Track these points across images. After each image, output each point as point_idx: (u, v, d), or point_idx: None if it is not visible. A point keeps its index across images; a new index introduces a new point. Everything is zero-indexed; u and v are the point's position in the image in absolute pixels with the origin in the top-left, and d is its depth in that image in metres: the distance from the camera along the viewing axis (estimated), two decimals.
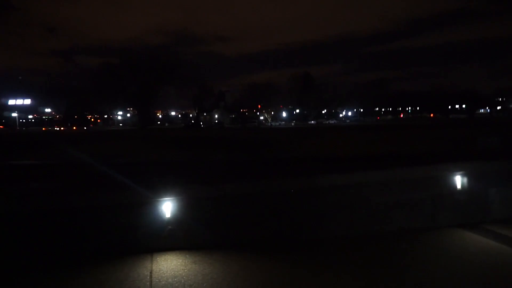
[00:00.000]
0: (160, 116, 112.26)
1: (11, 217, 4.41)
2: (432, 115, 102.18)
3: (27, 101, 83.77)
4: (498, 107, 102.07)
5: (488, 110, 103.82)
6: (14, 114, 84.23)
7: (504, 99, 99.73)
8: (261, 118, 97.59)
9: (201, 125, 79.68)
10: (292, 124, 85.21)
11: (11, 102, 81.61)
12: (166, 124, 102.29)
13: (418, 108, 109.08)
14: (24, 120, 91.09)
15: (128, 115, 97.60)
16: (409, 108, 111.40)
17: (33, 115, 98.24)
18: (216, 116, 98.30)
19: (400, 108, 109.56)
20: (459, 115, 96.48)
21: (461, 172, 5.65)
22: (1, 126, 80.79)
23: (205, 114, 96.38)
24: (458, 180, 5.64)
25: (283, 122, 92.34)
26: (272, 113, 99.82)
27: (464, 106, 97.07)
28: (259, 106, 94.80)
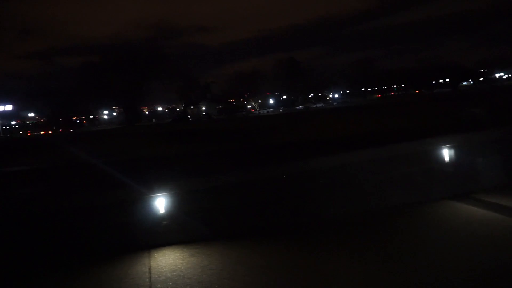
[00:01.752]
0: (147, 113, 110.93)
1: (9, 221, 4.37)
2: (417, 91, 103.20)
3: (9, 107, 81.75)
4: (481, 79, 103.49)
5: (472, 82, 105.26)
6: None
7: (486, 70, 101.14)
8: (249, 106, 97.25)
9: (188, 118, 79.05)
10: (280, 110, 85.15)
11: None
12: (154, 120, 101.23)
13: (403, 85, 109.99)
14: (7, 127, 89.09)
15: (114, 113, 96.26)
16: (395, 86, 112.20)
17: (16, 120, 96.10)
18: (204, 108, 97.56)
19: (386, 87, 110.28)
20: (444, 89, 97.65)
21: (449, 145, 5.74)
22: None
23: (192, 107, 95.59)
24: (447, 153, 5.73)
25: (271, 109, 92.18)
26: (260, 101, 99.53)
27: (448, 80, 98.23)
28: (246, 95, 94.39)
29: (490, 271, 3.31)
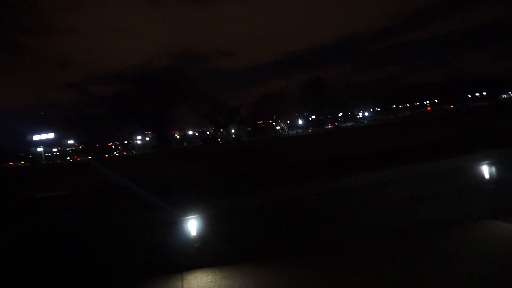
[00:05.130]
0: (178, 137, 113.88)
1: (47, 243, 4.57)
2: (451, 106, 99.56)
3: (51, 135, 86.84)
4: None
5: (511, 94, 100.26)
6: (40, 149, 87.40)
7: None
8: (278, 128, 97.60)
9: (218, 141, 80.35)
10: (309, 130, 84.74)
11: (36, 137, 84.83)
12: (185, 144, 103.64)
13: (436, 100, 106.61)
14: (49, 154, 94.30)
15: (147, 138, 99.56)
16: (427, 101, 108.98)
17: (57, 147, 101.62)
18: (233, 130, 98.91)
19: (418, 103, 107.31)
20: (481, 103, 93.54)
21: (487, 161, 5.48)
22: (22, 162, 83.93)
23: (221, 129, 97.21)
24: (485, 169, 5.47)
25: (300, 130, 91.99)
26: (288, 121, 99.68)
27: (484, 93, 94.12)
28: (274, 116, 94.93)
29: None
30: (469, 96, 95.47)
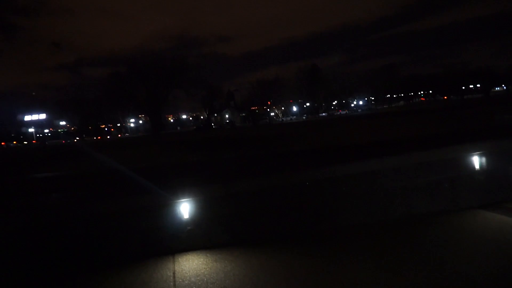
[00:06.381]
0: (171, 121, 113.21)
1: (39, 226, 4.56)
2: (445, 97, 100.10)
3: (42, 116, 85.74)
4: None
5: (505, 88, 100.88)
6: (31, 130, 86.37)
7: None
8: (272, 114, 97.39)
9: (212, 126, 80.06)
10: (304, 118, 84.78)
11: (27, 118, 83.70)
12: (178, 128, 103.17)
13: (430, 91, 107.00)
14: (41, 135, 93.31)
15: (140, 121, 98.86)
16: (422, 92, 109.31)
17: (49, 129, 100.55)
18: (227, 116, 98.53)
19: (412, 93, 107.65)
20: (475, 95, 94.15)
21: (479, 152, 5.54)
22: (14, 142, 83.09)
23: (215, 115, 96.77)
24: (476, 160, 5.54)
25: (294, 117, 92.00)
26: (283, 108, 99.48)
27: (478, 85, 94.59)
28: (269, 103, 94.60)
29: None
30: (463, 88, 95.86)
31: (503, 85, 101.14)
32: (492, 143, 5.91)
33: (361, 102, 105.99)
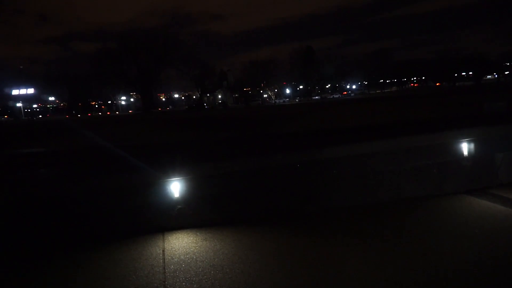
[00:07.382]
0: (163, 99, 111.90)
1: (26, 202, 4.52)
2: (438, 84, 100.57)
3: (30, 90, 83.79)
4: (506, 72, 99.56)
5: (496, 76, 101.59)
6: (19, 104, 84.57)
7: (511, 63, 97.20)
8: (265, 96, 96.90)
9: (204, 106, 79.43)
10: (296, 100, 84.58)
11: (15, 92, 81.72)
12: (170, 107, 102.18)
13: (423, 77, 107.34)
14: (29, 110, 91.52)
15: (132, 99, 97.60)
16: (414, 77, 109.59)
17: (37, 104, 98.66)
18: (219, 96, 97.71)
19: (405, 79, 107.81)
20: (466, 82, 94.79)
21: (467, 139, 5.61)
22: (5, 116, 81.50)
23: (208, 95, 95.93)
24: (464, 147, 5.62)
25: (287, 99, 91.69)
26: (276, 90, 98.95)
27: (471, 73, 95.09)
28: (262, 84, 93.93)
29: (503, 266, 3.27)
30: (455, 75, 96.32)
31: (494, 74, 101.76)
32: (480, 130, 5.99)
33: (354, 86, 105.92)
